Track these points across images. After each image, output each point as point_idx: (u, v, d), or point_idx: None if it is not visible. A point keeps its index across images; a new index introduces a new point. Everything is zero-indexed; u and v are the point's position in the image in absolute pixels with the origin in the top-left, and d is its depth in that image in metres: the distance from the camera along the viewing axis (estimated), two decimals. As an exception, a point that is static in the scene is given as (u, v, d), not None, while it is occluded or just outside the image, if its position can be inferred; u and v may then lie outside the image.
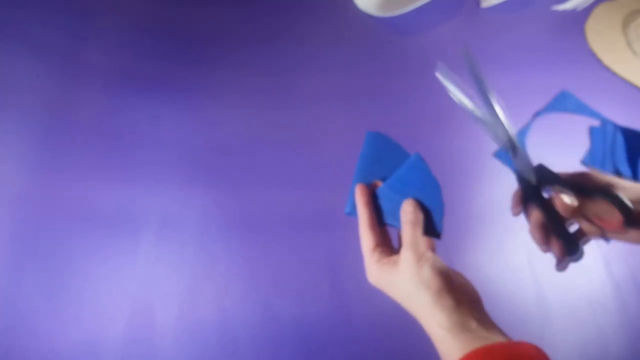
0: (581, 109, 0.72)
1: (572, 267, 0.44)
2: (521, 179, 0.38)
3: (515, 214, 0.39)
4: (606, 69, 0.76)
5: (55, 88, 0.74)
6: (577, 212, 0.35)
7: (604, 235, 0.37)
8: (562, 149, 0.69)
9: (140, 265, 0.60)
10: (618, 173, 0.66)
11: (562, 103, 0.73)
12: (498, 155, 0.70)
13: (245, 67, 0.77)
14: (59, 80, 0.75)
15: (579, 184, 0.36)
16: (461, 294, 0.33)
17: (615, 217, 0.33)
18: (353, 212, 0.39)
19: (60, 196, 0.64)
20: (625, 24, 0.80)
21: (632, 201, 0.33)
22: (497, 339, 0.30)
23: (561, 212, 0.35)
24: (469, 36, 0.80)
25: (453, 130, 0.70)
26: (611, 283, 0.59)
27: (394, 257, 0.35)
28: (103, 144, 0.69)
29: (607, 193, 0.33)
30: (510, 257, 0.43)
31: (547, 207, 0.38)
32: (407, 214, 0.36)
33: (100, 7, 0.83)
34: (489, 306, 0.58)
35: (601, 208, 0.34)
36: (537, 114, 0.72)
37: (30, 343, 0.56)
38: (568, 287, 0.54)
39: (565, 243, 0.37)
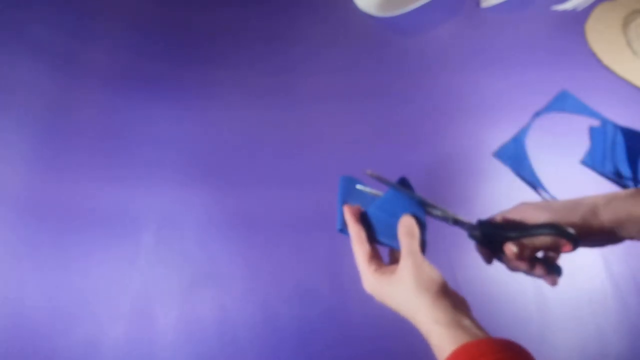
0: (581, 109, 0.72)
1: (572, 267, 0.44)
2: (474, 237, 0.42)
3: (488, 263, 0.44)
4: (606, 69, 0.76)
5: (55, 88, 0.74)
6: (526, 254, 0.40)
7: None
8: (562, 149, 0.69)
9: (140, 265, 0.60)
10: (618, 173, 0.66)
11: (562, 103, 0.73)
12: (498, 155, 0.70)
13: (246, 67, 0.77)
14: (59, 80, 0.75)
15: (517, 224, 0.41)
16: (454, 299, 0.36)
17: (564, 246, 0.38)
18: (344, 230, 0.42)
19: (60, 196, 0.64)
20: (625, 23, 0.80)
21: (570, 224, 0.38)
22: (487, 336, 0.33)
23: (512, 261, 0.40)
24: (469, 36, 0.80)
25: (453, 130, 0.71)
26: (611, 283, 0.59)
27: (391, 267, 0.38)
28: (103, 143, 0.69)
29: (550, 227, 0.38)
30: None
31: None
32: (406, 227, 0.39)
33: (100, 7, 0.83)
34: (489, 306, 0.58)
35: (550, 242, 0.40)
36: (537, 114, 0.72)
37: (30, 343, 0.56)
38: (568, 287, 0.54)
39: (547, 268, 0.41)
